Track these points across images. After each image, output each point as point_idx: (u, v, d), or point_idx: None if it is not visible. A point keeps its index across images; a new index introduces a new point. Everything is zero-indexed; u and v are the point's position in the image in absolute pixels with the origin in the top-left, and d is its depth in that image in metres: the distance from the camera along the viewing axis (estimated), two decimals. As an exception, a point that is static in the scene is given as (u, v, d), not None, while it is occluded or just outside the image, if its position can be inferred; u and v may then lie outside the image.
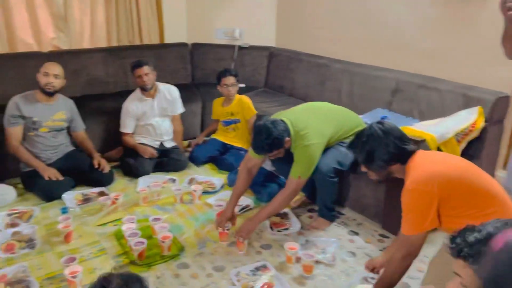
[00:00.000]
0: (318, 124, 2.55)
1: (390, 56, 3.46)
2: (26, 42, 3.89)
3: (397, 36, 3.38)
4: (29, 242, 2.48)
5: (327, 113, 2.70)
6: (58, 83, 3.05)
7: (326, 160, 2.60)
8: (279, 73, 4.32)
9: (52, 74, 3.01)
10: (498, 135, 2.71)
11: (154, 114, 3.52)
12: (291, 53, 4.25)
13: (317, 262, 2.35)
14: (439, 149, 2.47)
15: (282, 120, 2.49)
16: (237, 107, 3.61)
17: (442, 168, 1.73)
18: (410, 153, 1.85)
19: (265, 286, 2.15)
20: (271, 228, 2.72)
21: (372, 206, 2.76)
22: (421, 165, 1.77)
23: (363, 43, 3.70)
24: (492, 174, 2.69)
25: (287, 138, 2.46)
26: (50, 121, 3.08)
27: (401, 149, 1.84)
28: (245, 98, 3.63)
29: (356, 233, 2.69)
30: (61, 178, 3.02)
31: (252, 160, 2.63)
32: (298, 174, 2.49)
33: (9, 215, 2.75)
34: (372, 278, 2.19)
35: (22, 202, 2.98)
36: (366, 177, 2.75)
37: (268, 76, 4.48)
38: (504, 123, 2.73)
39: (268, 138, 2.39)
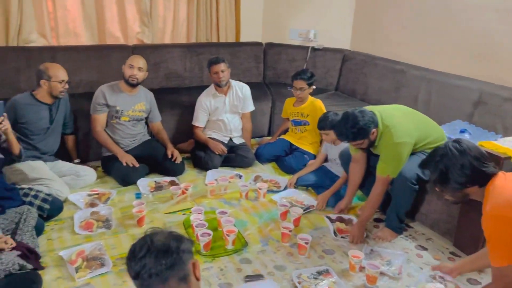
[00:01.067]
0: (407, 125, 2.49)
1: (474, 65, 3.27)
2: (114, 35, 4.17)
3: (483, 44, 3.19)
4: (106, 222, 2.66)
5: (415, 117, 2.63)
6: (141, 75, 3.23)
7: (410, 166, 2.51)
8: (351, 77, 4.25)
9: (137, 67, 3.19)
10: None
11: (225, 110, 3.62)
12: (365, 57, 4.16)
13: (382, 273, 2.29)
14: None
15: (371, 111, 2.46)
16: (308, 109, 3.60)
17: None
18: (490, 176, 1.73)
19: (326, 291, 2.14)
20: (335, 233, 2.68)
21: (444, 222, 2.63)
22: (503, 188, 1.65)
23: (445, 49, 3.53)
24: None
25: (374, 130, 2.43)
26: (131, 111, 3.28)
27: (479, 171, 1.72)
28: (318, 102, 3.60)
29: (425, 248, 2.58)
30: (137, 165, 3.20)
31: (356, 156, 2.69)
32: (387, 172, 2.48)
33: (89, 195, 2.97)
34: (441, 277, 2.13)
35: (101, 184, 3.21)
36: (438, 192, 2.65)
37: (340, 79, 4.42)
38: None
39: (354, 126, 2.37)
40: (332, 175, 3.21)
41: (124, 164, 3.17)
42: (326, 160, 3.33)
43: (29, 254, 2.07)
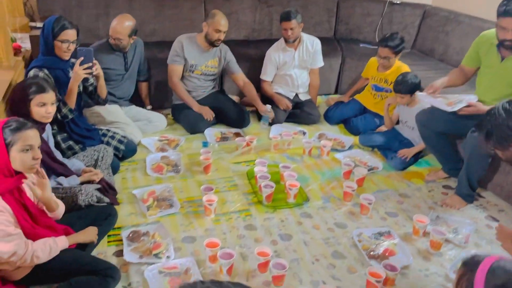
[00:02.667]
0: None
1: None
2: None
3: None
4: (175, 167, 2.80)
5: None
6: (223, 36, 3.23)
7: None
8: (431, 35, 3.96)
9: (223, 32, 3.19)
10: None
11: (294, 65, 3.55)
12: (449, 13, 3.84)
13: (447, 240, 2.22)
14: None
15: None
16: (393, 76, 3.29)
17: None
18: None
19: (387, 253, 2.12)
20: (400, 196, 2.62)
21: (521, 194, 2.47)
22: None
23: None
24: None
25: None
26: (204, 66, 3.33)
27: None
28: (405, 68, 3.28)
29: (496, 220, 2.45)
30: (212, 117, 3.27)
31: None
32: None
33: (160, 140, 3.12)
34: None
35: (171, 131, 3.34)
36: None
37: (417, 37, 4.14)
38: None
39: None
40: (402, 138, 3.09)
41: (203, 116, 3.25)
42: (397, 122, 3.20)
43: (108, 189, 2.24)
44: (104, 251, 2.05)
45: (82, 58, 2.39)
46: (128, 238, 2.11)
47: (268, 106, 3.37)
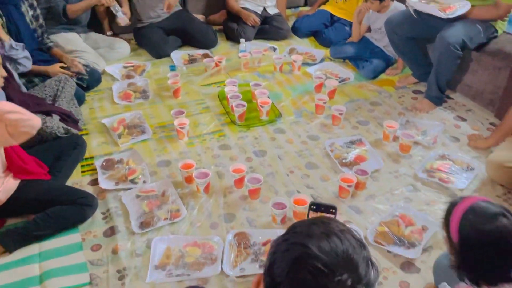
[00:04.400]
0: None
1: None
2: None
3: None
4: (143, 93, 2.73)
5: None
6: None
7: (456, 31, 2.36)
8: None
9: None
10: None
11: None
12: None
13: (416, 143, 2.28)
14: None
15: None
16: None
17: None
18: None
19: (358, 159, 2.18)
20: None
21: (488, 92, 2.51)
22: None
23: None
24: None
25: None
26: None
27: None
28: None
29: (464, 119, 2.52)
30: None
31: None
32: None
33: (125, 67, 3.01)
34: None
35: (135, 57, 3.22)
36: (486, 61, 2.49)
37: None
38: None
39: None
40: (373, 47, 3.04)
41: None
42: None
43: (67, 117, 2.18)
44: (79, 181, 2.05)
45: None
46: (102, 166, 2.10)
47: None
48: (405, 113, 2.58)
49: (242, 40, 3.19)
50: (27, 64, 2.30)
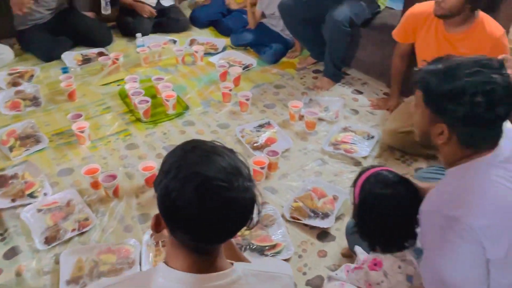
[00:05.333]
0: None
1: None
2: None
3: None
4: (34, 100, 2.50)
5: None
6: None
7: (343, 10, 2.49)
8: None
9: None
10: None
11: None
12: None
13: (320, 119, 2.38)
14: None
15: None
16: None
17: None
18: None
19: (269, 142, 2.21)
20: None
21: (378, 65, 2.70)
22: None
23: None
24: None
25: None
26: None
27: None
28: None
29: (361, 92, 2.68)
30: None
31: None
32: None
33: (10, 74, 2.72)
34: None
35: (21, 62, 2.92)
36: (373, 36, 2.66)
37: None
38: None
39: None
40: (270, 32, 3.10)
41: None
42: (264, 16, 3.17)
43: None
44: (-33, 205, 1.82)
45: None
46: (-6, 185, 1.89)
47: None
48: (308, 92, 2.67)
49: (138, 34, 3.06)
50: None
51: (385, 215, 1.11)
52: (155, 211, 0.84)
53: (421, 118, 1.03)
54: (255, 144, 2.20)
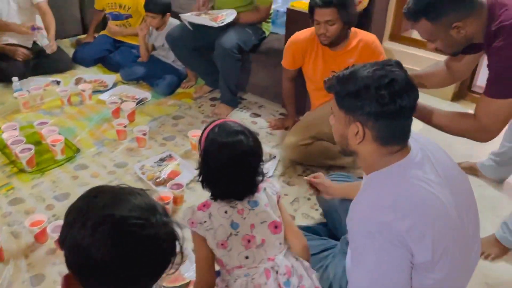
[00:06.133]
0: None
1: None
2: None
3: None
4: None
5: None
6: None
7: (229, 37, 2.52)
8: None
9: None
10: (385, 5, 2.79)
11: (12, 8, 2.94)
12: None
13: (222, 145, 2.35)
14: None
15: None
16: (128, 0, 3.16)
17: None
18: None
19: (172, 175, 2.12)
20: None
21: (272, 87, 2.78)
22: None
23: None
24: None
25: None
26: None
27: None
28: None
29: (258, 115, 2.72)
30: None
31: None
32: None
33: None
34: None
35: None
36: (263, 60, 2.74)
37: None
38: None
39: None
40: (162, 63, 3.04)
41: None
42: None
43: None
44: None
45: None
46: None
47: None
48: (207, 120, 2.64)
49: (14, 78, 2.78)
50: None
51: (226, 163, 1.15)
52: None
53: (338, 123, 1.07)
54: (157, 180, 2.09)
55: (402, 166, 1.02)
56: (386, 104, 0.96)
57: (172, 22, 2.89)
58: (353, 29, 2.07)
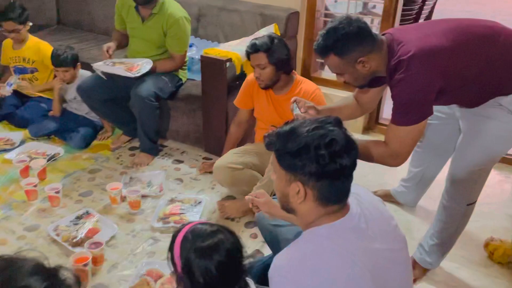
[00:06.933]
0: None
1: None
2: None
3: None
4: None
5: None
6: None
7: (146, 86, 2.50)
8: (72, 7, 3.79)
9: None
10: (294, 48, 2.96)
11: None
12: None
13: (144, 196, 2.27)
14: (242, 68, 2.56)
15: None
16: (32, 53, 2.98)
17: None
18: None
19: (90, 233, 1.99)
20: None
21: (192, 132, 2.77)
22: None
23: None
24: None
25: None
26: None
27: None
28: (44, 45, 2.99)
29: (181, 161, 2.68)
30: None
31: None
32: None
33: None
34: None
35: None
36: (182, 106, 2.74)
37: (60, 12, 3.89)
38: (297, 38, 2.98)
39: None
40: (75, 116, 2.91)
41: None
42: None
43: None
44: None
45: None
46: None
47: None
48: (127, 171, 2.55)
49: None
50: None
51: (215, 265, 1.06)
52: None
53: (279, 181, 1.05)
54: (74, 240, 1.94)
55: (333, 228, 1.00)
56: (327, 164, 0.96)
57: (83, 74, 2.81)
58: (298, 76, 2.21)
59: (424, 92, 1.41)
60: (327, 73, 3.14)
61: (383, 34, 1.52)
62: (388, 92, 1.56)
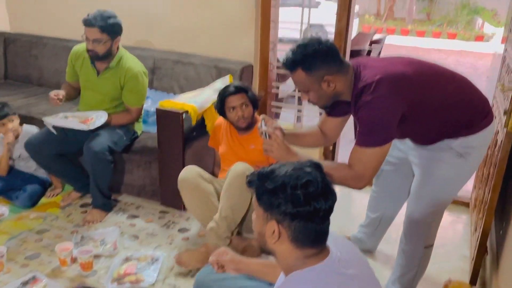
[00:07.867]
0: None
1: (143, 36, 3.40)
2: None
3: (146, 16, 3.34)
4: None
5: None
6: None
7: (99, 140, 2.43)
8: (21, 62, 3.71)
9: None
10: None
11: None
12: (31, 37, 3.68)
13: (97, 256, 2.15)
14: (203, 117, 2.57)
15: None
16: None
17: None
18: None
19: (37, 300, 1.83)
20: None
21: (148, 185, 2.70)
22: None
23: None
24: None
25: None
26: None
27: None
28: None
29: (136, 216, 2.58)
30: None
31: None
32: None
33: None
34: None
35: None
36: (137, 159, 2.68)
37: (7, 67, 3.79)
38: (252, 88, 3.05)
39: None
40: (21, 174, 2.75)
41: None
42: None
43: None
44: None
45: None
46: None
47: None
48: (78, 230, 2.41)
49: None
50: None
51: None
52: None
53: (257, 219, 1.06)
54: (18, 310, 1.77)
55: (315, 271, 1.00)
56: (301, 205, 0.97)
57: (27, 129, 2.70)
58: (256, 115, 2.32)
59: (389, 114, 1.46)
60: (283, 121, 3.22)
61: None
62: (346, 135, 1.60)
